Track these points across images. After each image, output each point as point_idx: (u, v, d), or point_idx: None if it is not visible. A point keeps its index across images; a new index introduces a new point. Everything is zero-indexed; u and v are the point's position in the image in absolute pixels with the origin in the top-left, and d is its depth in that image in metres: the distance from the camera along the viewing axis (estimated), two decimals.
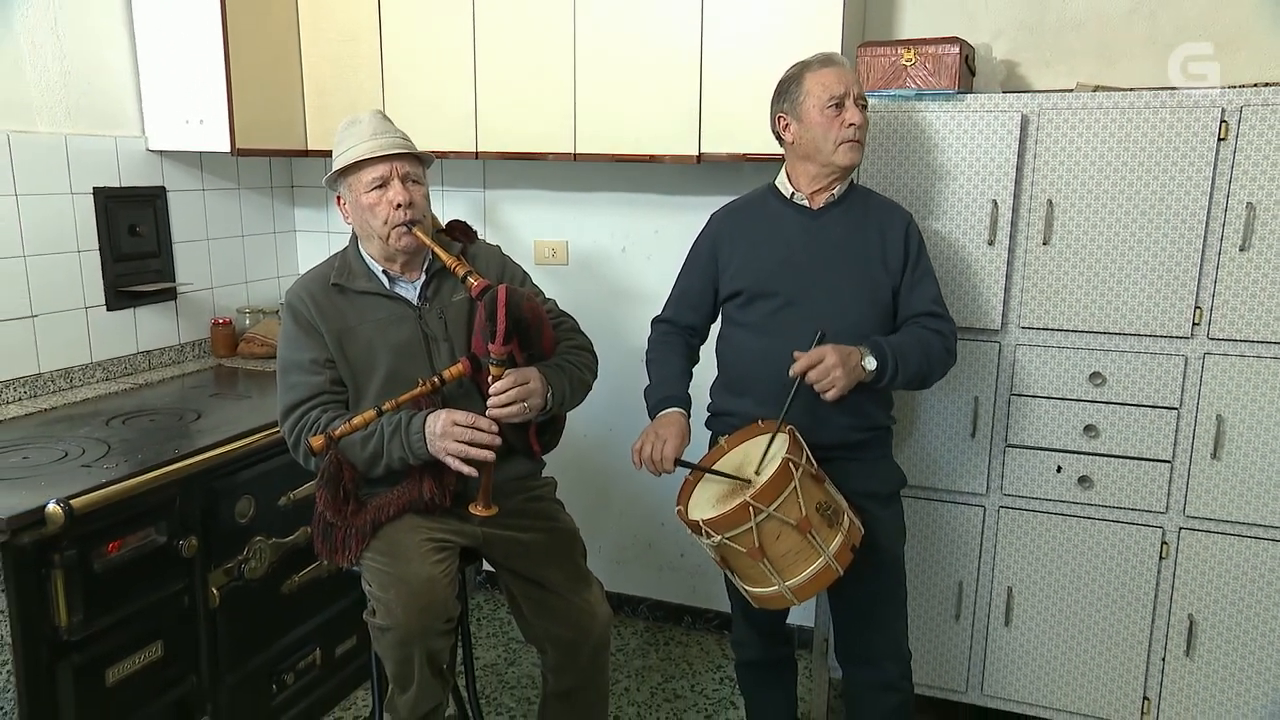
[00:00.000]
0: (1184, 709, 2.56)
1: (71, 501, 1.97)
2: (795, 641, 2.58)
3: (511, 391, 2.04)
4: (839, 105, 2.14)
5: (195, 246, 3.26)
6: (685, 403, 2.29)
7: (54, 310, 2.81)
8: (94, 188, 2.90)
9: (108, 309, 2.96)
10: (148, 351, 3.10)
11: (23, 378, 2.72)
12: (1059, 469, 2.55)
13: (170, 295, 3.16)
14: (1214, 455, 2.42)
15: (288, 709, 2.75)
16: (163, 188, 3.12)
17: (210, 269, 3.32)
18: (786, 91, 2.22)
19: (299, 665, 2.76)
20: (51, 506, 1.94)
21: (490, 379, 2.05)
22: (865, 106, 2.19)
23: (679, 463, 2.16)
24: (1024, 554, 2.62)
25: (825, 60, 2.20)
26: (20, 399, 2.71)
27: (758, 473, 2.04)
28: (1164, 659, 2.55)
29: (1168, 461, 2.47)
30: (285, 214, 3.63)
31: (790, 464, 1.94)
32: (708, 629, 3.40)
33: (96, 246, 2.91)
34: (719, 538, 1.97)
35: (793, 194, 2.26)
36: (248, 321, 3.35)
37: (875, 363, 2.10)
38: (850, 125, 2.13)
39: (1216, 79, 2.61)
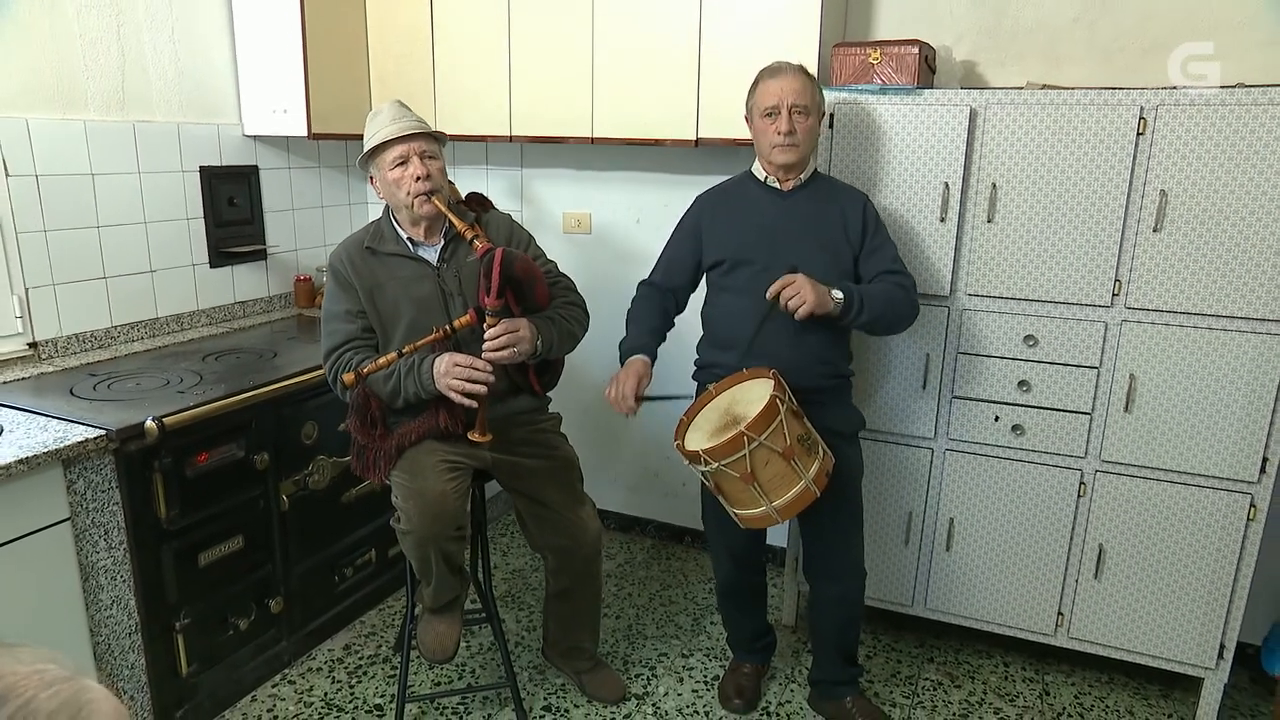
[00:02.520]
0: (1090, 623, 2.69)
1: (164, 419, 2.22)
2: (766, 570, 2.72)
3: (503, 338, 2.18)
4: (771, 115, 2.26)
5: (282, 215, 3.46)
6: (650, 352, 2.41)
7: (168, 266, 3.04)
8: (200, 166, 3.10)
9: (210, 266, 3.18)
10: (242, 302, 3.34)
11: (144, 321, 2.98)
12: (997, 418, 2.66)
13: (261, 256, 3.37)
14: (1126, 409, 2.51)
15: (347, 597, 3.01)
16: (256, 166, 3.31)
17: (294, 234, 3.52)
18: (748, 95, 2.35)
19: (357, 562, 3.01)
20: (149, 422, 2.19)
21: (487, 327, 2.19)
22: (805, 113, 2.26)
23: (639, 399, 2.30)
24: (965, 490, 2.75)
25: (772, 72, 2.31)
26: (142, 338, 2.97)
27: (746, 412, 2.12)
28: (1076, 581, 2.67)
29: (1087, 413, 2.57)
30: (359, 188, 3.79)
31: (777, 400, 2.06)
32: (704, 548, 3.54)
33: (202, 215, 3.12)
34: (716, 465, 2.09)
35: (766, 178, 2.39)
36: (325, 278, 3.56)
37: (842, 295, 2.20)
38: (779, 133, 2.25)
39: (1140, 79, 2.67)
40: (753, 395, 2.18)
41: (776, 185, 2.38)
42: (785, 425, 2.08)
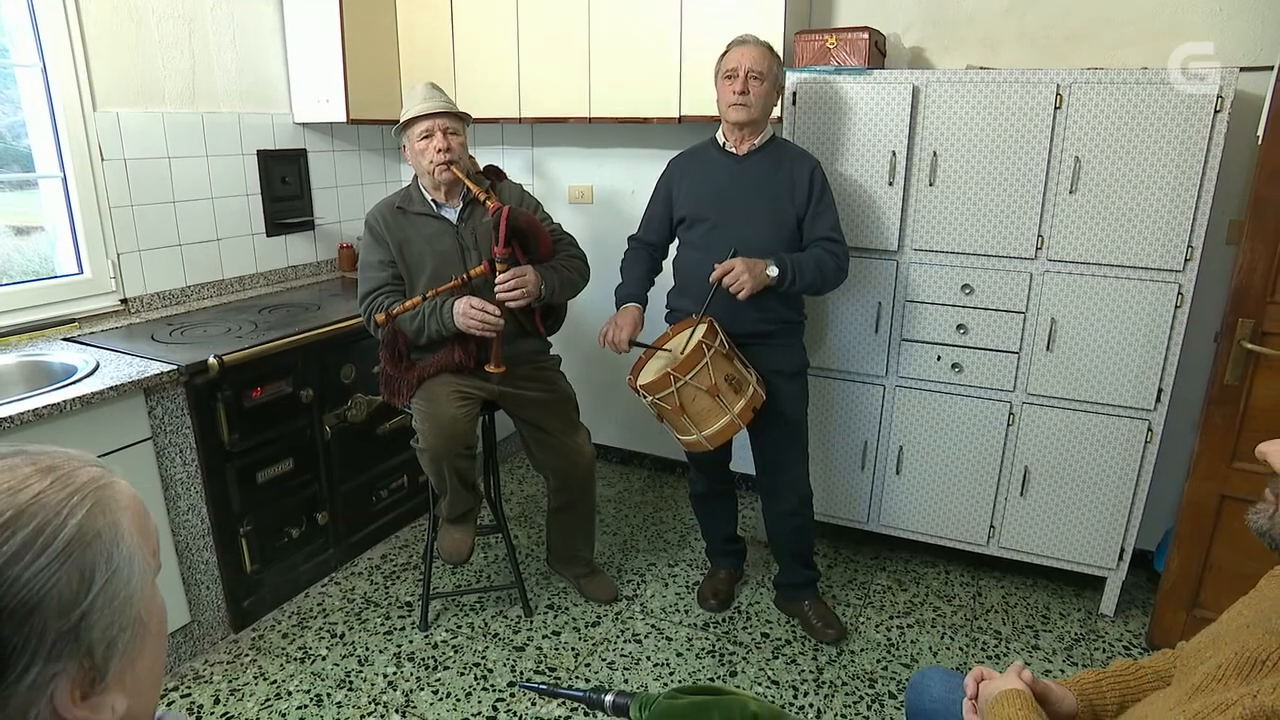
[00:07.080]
0: (1016, 534, 2.89)
1: (224, 357, 2.48)
2: (734, 480, 2.93)
3: (511, 282, 2.40)
4: (731, 77, 2.41)
5: (328, 192, 3.69)
6: (642, 300, 2.61)
7: (232, 235, 3.29)
8: (257, 150, 3.34)
9: (267, 235, 3.43)
10: (294, 266, 3.58)
11: (212, 281, 3.25)
12: (939, 358, 2.83)
13: (310, 226, 3.62)
14: (1048, 348, 2.68)
15: (384, 514, 3.28)
16: (304, 149, 3.54)
17: (338, 208, 3.76)
18: (718, 61, 2.49)
19: (391, 486, 3.27)
20: (211, 359, 2.45)
21: (498, 275, 2.42)
22: (760, 79, 2.39)
23: (632, 343, 2.51)
24: (912, 421, 2.93)
25: (736, 42, 2.45)
26: (210, 295, 3.24)
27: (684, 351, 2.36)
28: (1005, 498, 2.86)
29: (1015, 352, 2.73)
30: (393, 167, 4.03)
31: (704, 346, 2.24)
32: None
33: (259, 191, 3.36)
34: (651, 398, 2.31)
35: (724, 143, 2.53)
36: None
37: (776, 270, 2.35)
38: (734, 93, 2.40)
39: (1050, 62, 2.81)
40: (693, 340, 2.34)
41: (733, 150, 2.51)
42: (711, 367, 2.25)
